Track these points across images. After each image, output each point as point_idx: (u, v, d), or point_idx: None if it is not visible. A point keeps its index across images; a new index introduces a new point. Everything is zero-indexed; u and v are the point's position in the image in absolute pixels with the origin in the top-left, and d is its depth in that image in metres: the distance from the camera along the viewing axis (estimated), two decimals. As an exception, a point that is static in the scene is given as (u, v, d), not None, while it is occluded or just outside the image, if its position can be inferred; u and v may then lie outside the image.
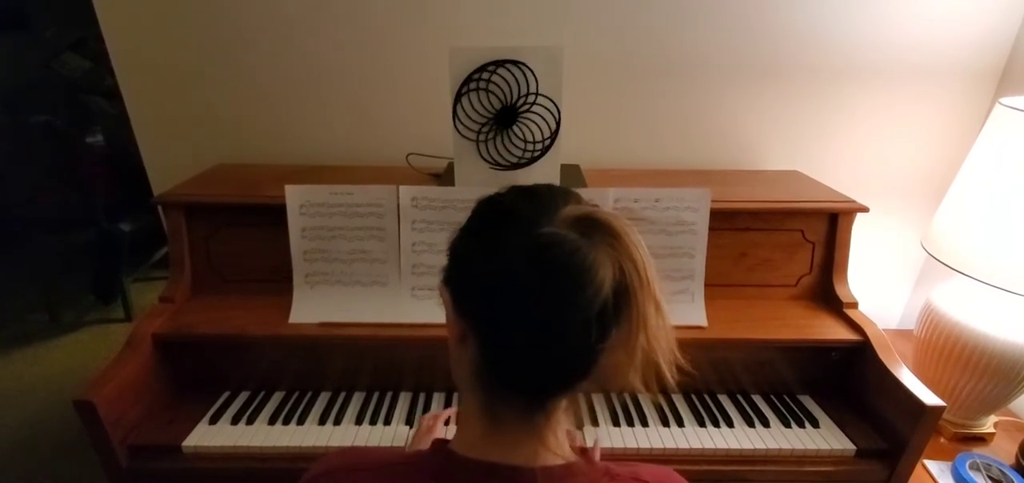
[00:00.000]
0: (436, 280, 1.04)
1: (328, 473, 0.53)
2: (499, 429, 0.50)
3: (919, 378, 0.95)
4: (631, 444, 0.97)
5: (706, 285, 1.06)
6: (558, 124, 1.03)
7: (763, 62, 1.30)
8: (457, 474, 0.49)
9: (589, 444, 0.93)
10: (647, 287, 0.45)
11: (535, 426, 0.49)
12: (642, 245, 0.45)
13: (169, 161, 1.37)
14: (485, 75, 0.99)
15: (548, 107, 1.01)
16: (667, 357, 0.48)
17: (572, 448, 0.53)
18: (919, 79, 1.32)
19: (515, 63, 0.98)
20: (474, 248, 0.49)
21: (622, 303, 0.44)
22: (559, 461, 0.50)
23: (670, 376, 0.48)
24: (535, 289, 0.43)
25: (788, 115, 1.36)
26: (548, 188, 0.51)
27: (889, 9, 1.25)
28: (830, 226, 1.13)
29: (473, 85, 1.00)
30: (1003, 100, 0.98)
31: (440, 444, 0.52)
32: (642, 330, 0.45)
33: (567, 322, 0.43)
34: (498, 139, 1.04)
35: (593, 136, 1.37)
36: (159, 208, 1.15)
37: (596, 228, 0.45)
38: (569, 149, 1.15)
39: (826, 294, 1.14)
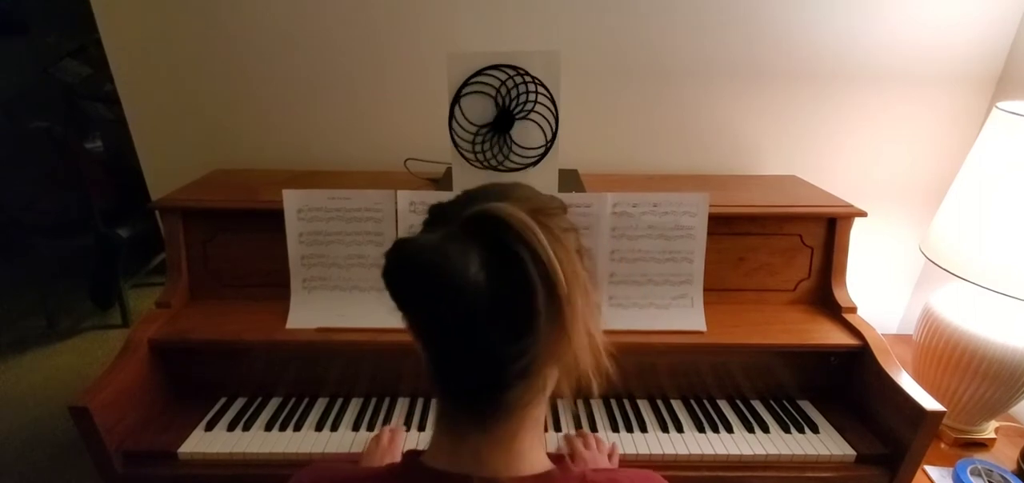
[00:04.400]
0: None
1: None
2: (454, 439, 0.49)
3: (919, 383, 0.95)
4: (630, 450, 0.96)
5: (705, 290, 1.06)
6: (556, 129, 1.03)
7: (761, 67, 1.31)
8: None
9: (604, 448, 0.92)
10: (555, 285, 0.42)
11: (486, 436, 0.48)
12: (543, 240, 0.42)
13: (167, 166, 1.37)
14: (482, 80, 0.99)
15: (546, 111, 1.01)
16: (592, 363, 0.46)
17: (549, 456, 0.53)
18: (916, 84, 1.32)
19: (512, 68, 0.98)
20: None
21: (525, 303, 0.42)
22: (525, 472, 0.49)
23: (596, 384, 0.46)
24: (410, 294, 0.44)
25: (786, 120, 1.36)
26: (484, 190, 0.50)
27: (886, 14, 1.26)
28: (828, 231, 1.13)
29: (471, 90, 1.00)
30: (1000, 104, 0.98)
31: (410, 455, 0.52)
32: (564, 331, 0.43)
33: (447, 325, 0.43)
34: (496, 144, 1.04)
35: (591, 141, 1.37)
36: (157, 213, 1.15)
37: (481, 225, 0.42)
38: (567, 154, 1.15)
39: (825, 299, 1.14)
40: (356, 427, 1.01)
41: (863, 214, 1.11)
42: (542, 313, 0.42)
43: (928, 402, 0.89)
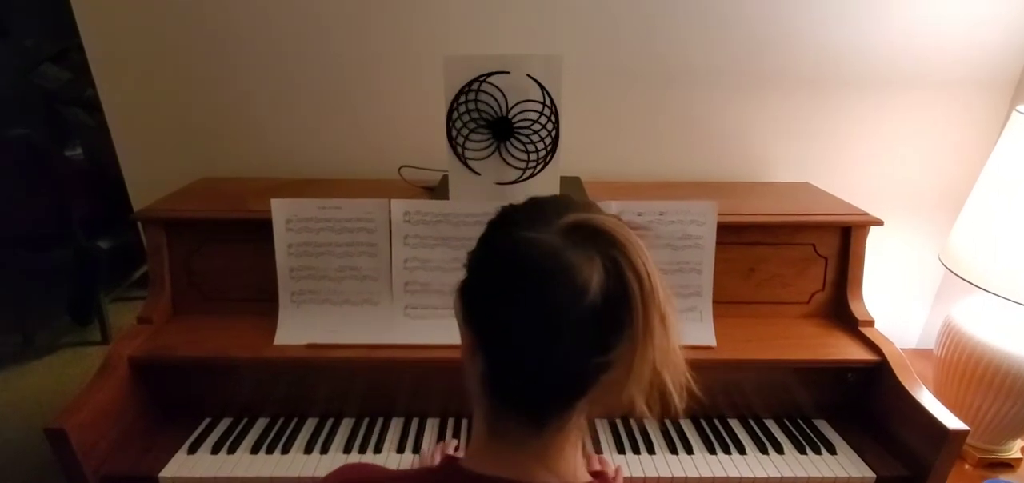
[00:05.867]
0: (430, 298, 1.05)
1: None
2: (503, 445, 0.51)
3: (940, 400, 0.94)
4: (636, 473, 0.96)
5: (714, 302, 1.06)
6: (558, 135, 1.03)
7: (771, 70, 1.31)
8: None
9: (609, 468, 0.92)
10: (652, 299, 0.45)
11: (539, 444, 0.50)
12: (646, 255, 0.46)
13: (150, 175, 1.37)
14: (481, 84, 1.00)
15: (547, 118, 1.02)
16: (675, 378, 0.48)
17: (590, 472, 0.55)
18: (933, 87, 1.32)
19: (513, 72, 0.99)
20: (476, 256, 0.51)
21: (622, 315, 0.45)
22: (570, 480, 0.51)
23: (678, 400, 0.48)
24: (513, 294, 0.45)
25: (797, 124, 1.37)
26: (561, 198, 0.52)
27: (900, 15, 1.26)
28: (843, 240, 1.13)
29: (469, 95, 1.00)
30: (1020, 107, 0.98)
31: (448, 460, 0.55)
32: (647, 345, 0.45)
33: (551, 329, 0.44)
34: (493, 151, 1.04)
35: (594, 147, 1.37)
36: (139, 224, 1.15)
37: (591, 234, 0.45)
38: (569, 161, 1.15)
39: (841, 312, 1.14)
40: (347, 449, 1.00)
41: (879, 222, 1.11)
42: (638, 325, 0.44)
43: (950, 421, 0.89)
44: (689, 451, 1.00)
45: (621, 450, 1.00)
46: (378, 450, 1.00)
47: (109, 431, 0.95)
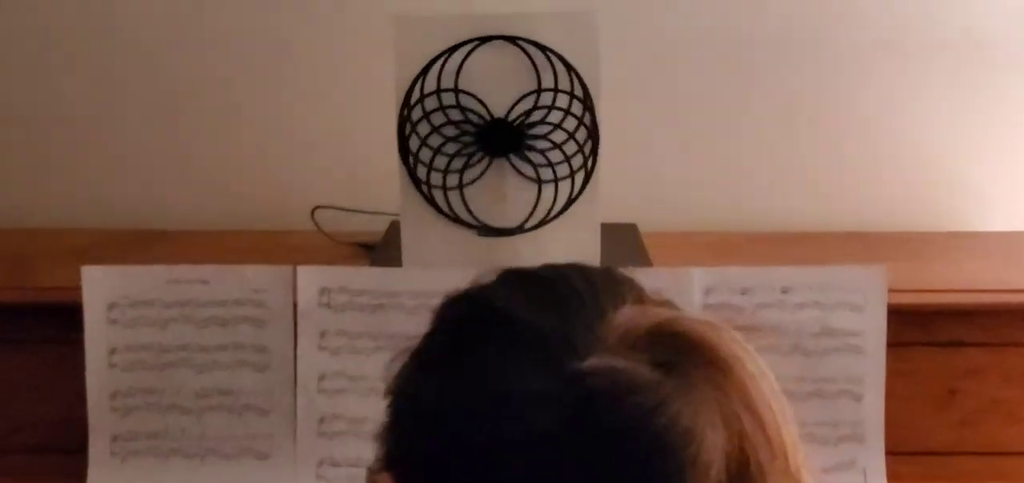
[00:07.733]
0: (362, 447, 1.02)
1: None
2: None
3: None
4: None
5: (888, 455, 1.05)
6: (595, 152, 1.04)
7: (969, 37, 1.33)
8: None
9: None
10: (781, 463, 0.43)
11: None
12: (768, 379, 0.44)
13: None
14: (460, 63, 1.01)
15: (576, 120, 1.03)
16: None
17: None
18: None
19: (516, 41, 1.00)
20: (446, 398, 0.48)
21: None
22: None
23: None
24: (617, 468, 0.42)
25: (1020, 132, 1.38)
26: (578, 272, 0.51)
27: None
28: (1119, 335, 1.12)
29: (437, 81, 1.01)
30: None
31: None
32: None
33: None
34: (484, 179, 1.05)
35: (657, 174, 1.40)
36: None
37: (685, 352, 0.44)
38: (615, 198, 1.16)
39: (1121, 469, 1.12)
40: None
41: None
42: None
43: None
44: None
45: None
46: None
47: None
